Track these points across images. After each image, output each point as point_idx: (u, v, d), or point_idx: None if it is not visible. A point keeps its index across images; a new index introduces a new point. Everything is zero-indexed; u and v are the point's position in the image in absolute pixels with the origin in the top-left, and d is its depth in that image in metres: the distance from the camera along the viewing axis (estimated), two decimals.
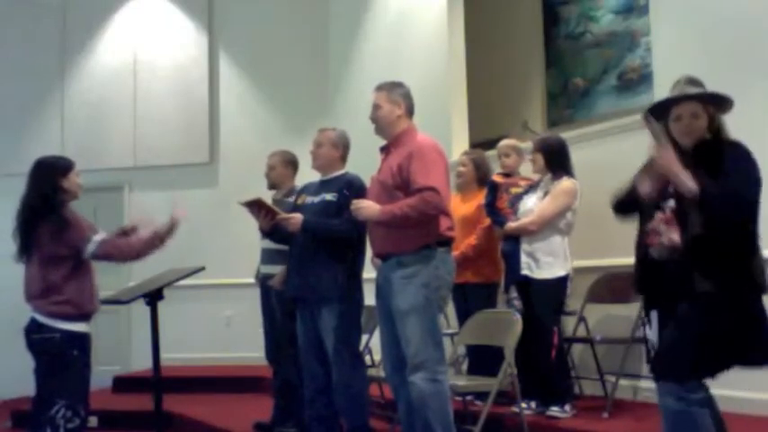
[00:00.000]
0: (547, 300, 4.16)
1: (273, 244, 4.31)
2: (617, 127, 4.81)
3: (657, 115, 2.68)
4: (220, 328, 7.43)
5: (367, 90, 3.81)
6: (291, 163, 4.85)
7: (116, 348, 7.50)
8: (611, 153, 4.65)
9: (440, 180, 3.36)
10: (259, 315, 4.87)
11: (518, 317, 3.85)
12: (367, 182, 3.82)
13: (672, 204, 2.61)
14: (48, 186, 3.47)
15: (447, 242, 3.48)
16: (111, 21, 8.08)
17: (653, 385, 4.26)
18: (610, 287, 4.50)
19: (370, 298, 3.80)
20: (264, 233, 4.09)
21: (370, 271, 3.95)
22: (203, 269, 3.94)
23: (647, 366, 3.00)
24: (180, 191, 7.69)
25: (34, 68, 8.04)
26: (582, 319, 4.65)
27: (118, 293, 4.08)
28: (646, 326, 2.74)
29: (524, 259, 4.25)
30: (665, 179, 2.56)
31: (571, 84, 7.27)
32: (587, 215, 4.39)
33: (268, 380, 5.41)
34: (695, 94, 2.64)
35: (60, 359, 3.38)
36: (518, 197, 4.50)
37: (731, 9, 4.10)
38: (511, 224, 4.34)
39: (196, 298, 7.13)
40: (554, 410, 4.06)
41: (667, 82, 2.82)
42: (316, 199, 4.00)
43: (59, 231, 3.39)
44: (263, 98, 7.92)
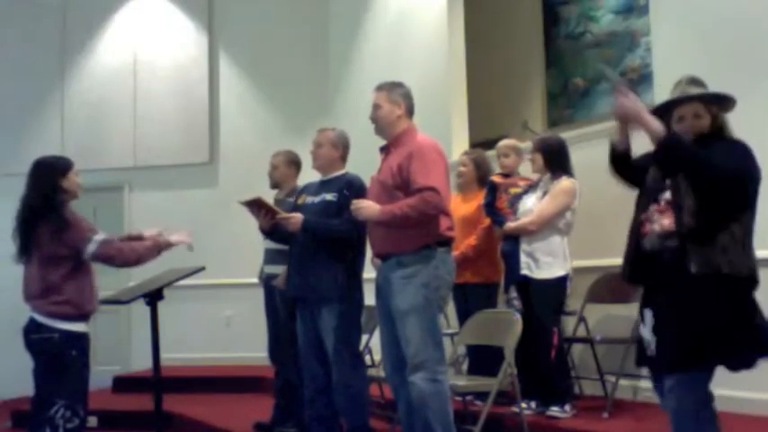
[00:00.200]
0: (546, 300, 4.16)
1: (277, 244, 4.31)
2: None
3: (659, 116, 2.66)
4: (220, 328, 7.43)
5: (367, 90, 3.81)
6: (295, 163, 4.85)
7: (116, 348, 7.50)
8: None
9: (440, 180, 3.36)
10: (260, 315, 4.87)
11: (518, 317, 3.85)
12: (367, 182, 3.82)
13: (667, 196, 2.59)
14: (47, 186, 3.46)
15: (447, 242, 3.48)
16: (111, 21, 8.08)
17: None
18: (610, 287, 4.49)
19: (370, 298, 3.80)
20: (264, 233, 4.09)
21: (370, 271, 3.94)
22: (203, 269, 3.94)
23: (638, 366, 2.95)
24: (180, 191, 7.71)
25: (34, 68, 8.03)
26: (582, 319, 4.65)
27: (118, 293, 4.07)
28: (640, 325, 2.69)
29: (524, 259, 4.25)
30: (632, 123, 2.60)
31: (571, 84, 7.26)
32: (587, 215, 4.39)
33: (268, 380, 5.41)
34: (697, 95, 2.64)
35: (59, 359, 3.38)
36: (517, 197, 4.50)
37: (731, 9, 4.10)
38: (510, 224, 4.34)
39: (196, 298, 7.13)
40: (554, 410, 4.06)
41: (667, 82, 2.82)
42: (316, 199, 4.00)
43: (59, 231, 3.39)
44: (263, 98, 7.92)
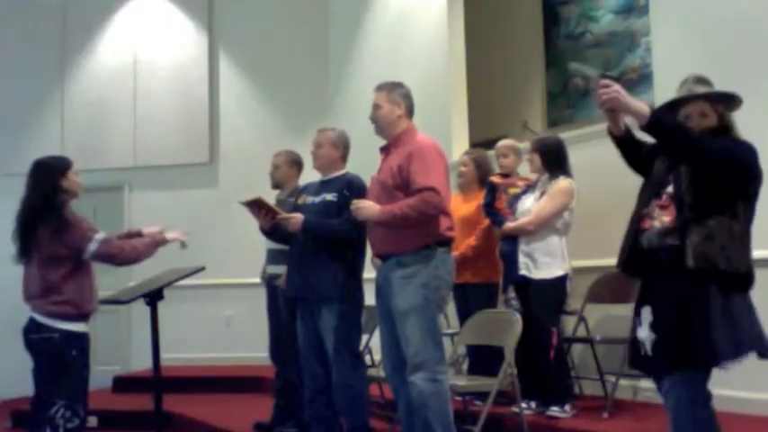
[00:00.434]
0: (545, 300, 4.16)
1: (279, 244, 4.31)
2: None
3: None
4: (220, 328, 7.43)
5: (367, 90, 3.81)
6: (296, 163, 4.85)
7: (116, 348, 7.50)
8: (611, 153, 4.58)
9: (440, 180, 3.36)
10: (260, 315, 4.87)
11: (518, 317, 3.85)
12: (367, 182, 3.82)
13: (669, 190, 2.58)
14: (47, 187, 3.46)
15: (447, 242, 3.48)
16: (111, 21, 8.08)
17: (653, 385, 4.24)
18: (610, 287, 4.49)
19: (370, 298, 3.79)
20: (264, 233, 4.09)
21: (370, 271, 3.94)
22: (203, 269, 3.94)
23: (631, 367, 2.93)
24: (180, 191, 7.71)
25: (34, 68, 8.03)
26: (582, 319, 4.65)
27: (118, 293, 4.07)
28: (638, 325, 2.66)
29: (522, 260, 4.25)
30: (618, 110, 2.63)
31: (571, 84, 7.26)
32: (587, 215, 4.39)
33: (268, 380, 5.41)
34: (703, 94, 2.63)
35: (59, 359, 3.38)
36: (516, 197, 4.49)
37: (731, 9, 4.10)
38: (509, 224, 4.34)
39: (196, 298, 7.13)
40: (554, 410, 4.06)
41: (667, 82, 2.82)
42: (316, 199, 4.00)
43: (59, 232, 3.39)
44: (263, 98, 7.91)
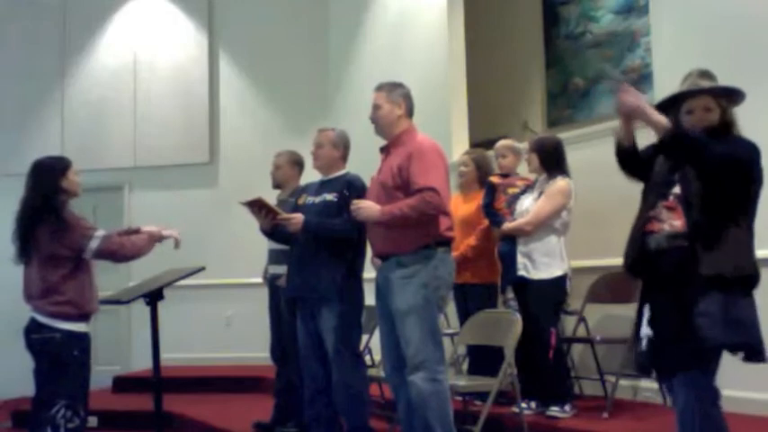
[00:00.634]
0: (544, 300, 4.15)
1: (280, 244, 4.31)
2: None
3: (668, 108, 2.65)
4: (220, 328, 7.43)
5: (367, 90, 3.81)
6: (298, 163, 4.85)
7: (116, 348, 7.50)
8: (611, 153, 4.59)
9: (439, 180, 3.36)
10: (260, 315, 4.87)
11: (518, 317, 3.85)
12: (367, 182, 3.82)
13: (677, 191, 2.56)
14: (47, 187, 3.47)
15: (446, 242, 3.48)
16: (111, 21, 8.07)
17: (653, 385, 4.25)
18: (610, 287, 4.49)
19: (370, 298, 3.79)
20: (265, 233, 4.09)
21: (370, 271, 3.94)
22: (203, 269, 3.94)
23: (638, 372, 2.91)
24: (180, 191, 7.71)
25: (34, 68, 8.03)
26: (582, 319, 4.65)
27: (118, 293, 4.07)
28: (642, 323, 2.64)
29: (520, 260, 4.24)
30: (635, 119, 2.58)
31: (571, 84, 7.26)
32: (587, 215, 4.39)
33: (268, 380, 5.41)
34: (707, 88, 2.63)
35: (60, 359, 3.38)
36: (515, 197, 4.49)
37: (731, 9, 4.10)
38: (507, 225, 4.34)
39: (196, 298, 7.12)
40: (554, 410, 4.06)
41: (667, 82, 2.82)
42: (316, 199, 4.00)
43: (59, 232, 3.39)
44: (263, 98, 7.92)
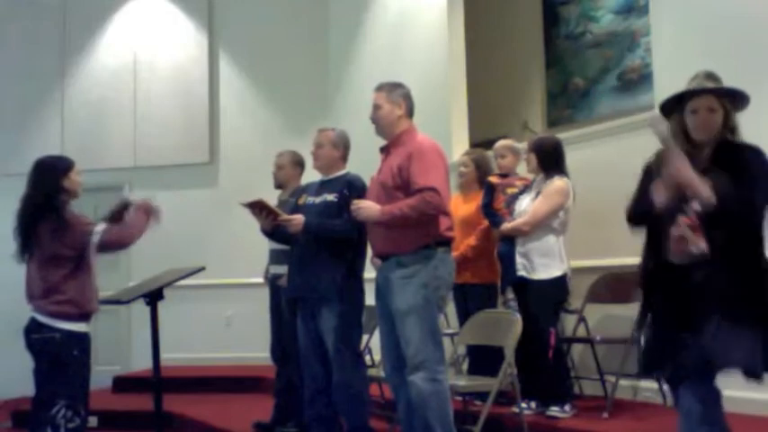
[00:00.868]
0: (543, 300, 4.15)
1: (281, 245, 4.31)
2: (617, 127, 4.81)
3: (672, 107, 2.63)
4: (220, 328, 7.43)
5: (367, 90, 3.81)
6: (300, 164, 4.86)
7: (116, 348, 7.49)
8: (610, 153, 4.64)
9: (439, 180, 3.36)
10: (260, 315, 4.87)
11: (518, 317, 3.85)
12: (367, 182, 3.82)
13: (697, 207, 2.46)
14: (49, 187, 3.47)
15: (447, 242, 3.48)
16: (111, 21, 8.07)
17: (653, 385, 4.26)
18: (610, 287, 4.50)
19: (370, 298, 3.79)
20: (265, 234, 4.09)
21: (370, 271, 3.94)
22: (203, 269, 3.95)
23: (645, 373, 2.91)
24: (180, 191, 7.70)
25: (34, 68, 8.03)
26: (582, 319, 4.65)
27: (118, 293, 4.08)
28: (644, 329, 2.64)
29: (519, 260, 4.24)
30: (680, 188, 2.44)
31: (571, 84, 7.26)
32: (587, 215, 4.39)
33: (268, 380, 5.41)
34: (712, 88, 2.62)
35: (60, 359, 3.38)
36: (514, 197, 4.49)
37: (731, 9, 4.10)
38: (505, 225, 4.34)
39: (196, 298, 7.11)
40: (554, 410, 4.06)
41: (667, 82, 2.83)
42: (317, 199, 4.00)
43: (59, 231, 3.39)
44: (263, 98, 7.92)
